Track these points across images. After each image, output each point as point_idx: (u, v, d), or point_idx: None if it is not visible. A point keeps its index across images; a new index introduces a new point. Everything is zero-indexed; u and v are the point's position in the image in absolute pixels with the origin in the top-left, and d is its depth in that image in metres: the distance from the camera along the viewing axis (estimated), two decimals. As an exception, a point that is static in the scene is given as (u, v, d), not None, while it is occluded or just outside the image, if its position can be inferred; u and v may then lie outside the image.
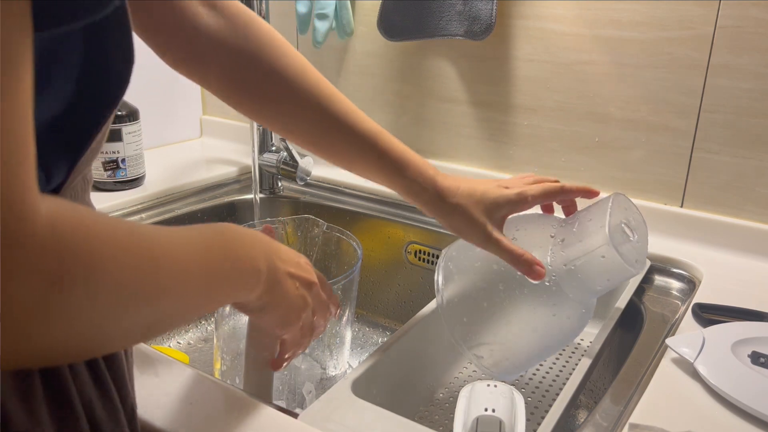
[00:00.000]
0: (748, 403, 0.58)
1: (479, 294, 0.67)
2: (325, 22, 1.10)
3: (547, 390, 0.77)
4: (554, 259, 0.64)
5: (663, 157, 0.94)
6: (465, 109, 1.08)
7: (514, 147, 1.05)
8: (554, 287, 0.64)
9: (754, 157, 0.88)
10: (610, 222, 0.62)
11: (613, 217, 0.63)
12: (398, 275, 1.09)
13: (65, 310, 0.28)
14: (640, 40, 0.91)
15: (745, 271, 0.85)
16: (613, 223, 0.62)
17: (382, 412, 0.58)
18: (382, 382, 0.67)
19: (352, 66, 1.18)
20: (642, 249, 0.66)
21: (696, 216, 0.92)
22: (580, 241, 0.64)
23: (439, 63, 1.08)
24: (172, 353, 0.98)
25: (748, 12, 0.83)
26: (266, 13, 1.03)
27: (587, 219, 0.65)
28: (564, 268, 0.64)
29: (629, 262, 0.62)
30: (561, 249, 0.65)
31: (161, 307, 0.36)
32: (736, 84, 0.86)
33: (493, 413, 0.55)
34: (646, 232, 0.67)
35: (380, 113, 1.17)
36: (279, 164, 1.10)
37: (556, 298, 0.64)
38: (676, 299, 0.84)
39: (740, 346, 0.65)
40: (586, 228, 0.64)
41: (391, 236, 1.09)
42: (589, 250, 0.62)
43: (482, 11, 0.97)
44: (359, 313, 1.14)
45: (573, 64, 0.97)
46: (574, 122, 0.99)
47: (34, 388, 0.37)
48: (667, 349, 0.66)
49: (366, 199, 1.13)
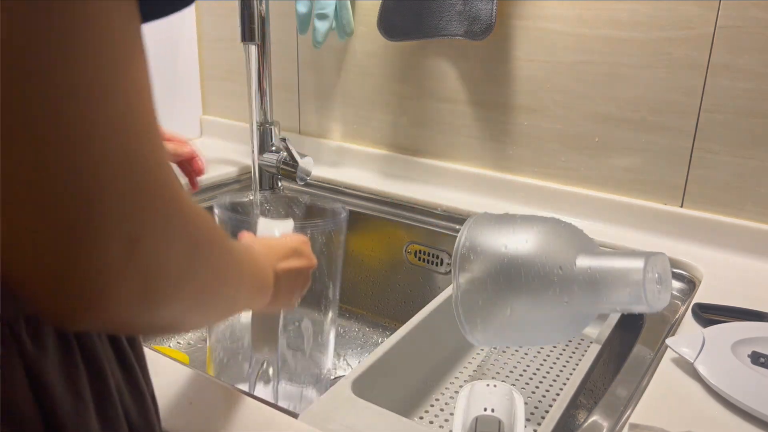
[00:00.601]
0: (748, 403, 0.58)
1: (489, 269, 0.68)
2: (325, 22, 1.10)
3: (547, 390, 0.77)
4: (582, 262, 0.65)
5: (663, 157, 0.94)
6: (465, 109, 1.08)
7: (514, 147, 1.05)
8: (566, 283, 0.64)
9: (754, 157, 0.88)
10: (650, 258, 0.63)
11: (651, 260, 0.64)
12: (398, 275, 1.09)
13: (204, 269, 0.35)
14: (640, 40, 0.91)
15: (745, 271, 0.85)
16: (651, 260, 0.63)
17: (382, 412, 0.58)
18: (382, 382, 0.67)
19: (352, 66, 1.18)
20: (658, 303, 0.66)
21: (696, 216, 0.92)
22: (612, 256, 0.64)
23: (439, 63, 1.08)
24: (172, 353, 0.98)
25: (748, 12, 0.83)
26: (266, 13, 1.03)
27: (626, 252, 0.66)
28: (587, 270, 0.64)
29: (647, 295, 0.62)
30: (590, 256, 0.65)
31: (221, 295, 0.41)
32: (736, 84, 0.86)
33: (493, 413, 0.56)
34: (667, 300, 0.68)
35: (380, 113, 1.17)
36: (279, 164, 1.10)
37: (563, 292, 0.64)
38: (676, 299, 0.84)
39: (740, 346, 0.65)
40: (623, 255, 0.65)
41: (391, 236, 1.09)
42: (620, 267, 0.63)
43: (482, 11, 0.97)
44: (359, 313, 1.14)
45: (573, 64, 0.97)
46: (574, 122, 0.99)
47: (79, 372, 0.38)
48: (667, 349, 0.66)
49: (366, 199, 1.13)
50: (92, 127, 0.26)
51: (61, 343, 0.38)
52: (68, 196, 0.26)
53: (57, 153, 0.25)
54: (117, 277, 0.28)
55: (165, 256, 0.31)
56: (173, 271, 0.32)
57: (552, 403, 0.74)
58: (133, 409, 0.44)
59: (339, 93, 1.21)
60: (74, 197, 0.26)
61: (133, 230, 0.28)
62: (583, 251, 0.66)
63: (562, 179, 1.02)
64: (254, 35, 1.02)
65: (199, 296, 0.37)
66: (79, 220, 0.26)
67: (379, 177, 1.17)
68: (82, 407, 0.39)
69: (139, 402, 0.44)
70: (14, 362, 0.35)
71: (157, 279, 0.31)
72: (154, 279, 0.30)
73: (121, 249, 0.28)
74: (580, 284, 0.64)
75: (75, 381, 0.38)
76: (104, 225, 0.27)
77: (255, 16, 1.01)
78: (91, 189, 0.26)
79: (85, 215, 0.26)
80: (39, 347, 0.36)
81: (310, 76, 1.23)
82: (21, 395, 0.36)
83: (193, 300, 0.36)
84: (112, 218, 0.27)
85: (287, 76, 1.26)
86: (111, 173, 0.27)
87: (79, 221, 0.26)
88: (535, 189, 1.04)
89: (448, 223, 1.05)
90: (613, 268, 0.63)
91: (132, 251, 0.28)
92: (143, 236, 0.28)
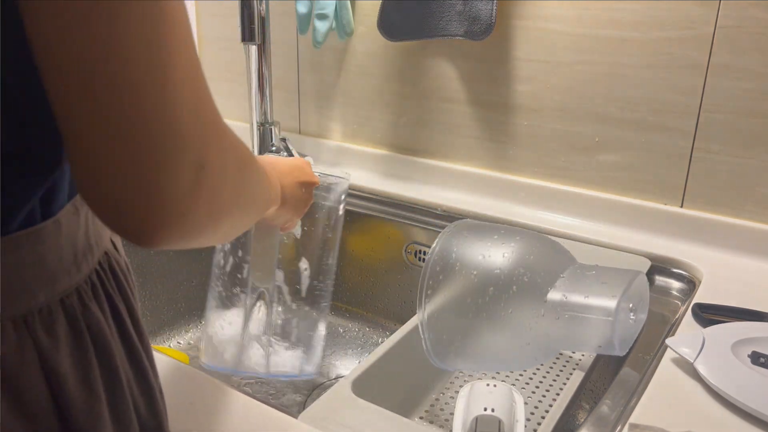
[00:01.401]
0: (748, 403, 0.58)
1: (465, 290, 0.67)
2: (325, 22, 1.10)
3: (547, 390, 0.77)
4: (553, 296, 0.64)
5: (663, 157, 0.94)
6: (465, 109, 1.08)
7: (514, 147, 1.05)
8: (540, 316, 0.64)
9: (754, 157, 0.88)
10: (621, 298, 0.61)
11: (625, 295, 0.62)
12: (398, 275, 1.09)
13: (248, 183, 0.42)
14: (640, 40, 0.91)
15: (745, 271, 0.85)
16: (622, 301, 0.62)
17: (382, 412, 0.58)
18: (382, 382, 0.67)
19: (352, 66, 1.18)
20: (633, 332, 0.65)
21: (696, 216, 0.92)
22: (585, 297, 0.63)
23: (439, 63, 1.08)
24: (172, 353, 0.98)
25: (748, 12, 0.83)
26: (266, 13, 1.03)
27: (601, 280, 0.64)
28: (558, 309, 0.63)
29: (617, 340, 0.62)
30: (564, 291, 0.64)
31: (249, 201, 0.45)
32: (736, 84, 0.86)
33: (493, 413, 0.56)
34: (643, 320, 0.67)
35: (380, 113, 1.17)
36: (279, 164, 1.10)
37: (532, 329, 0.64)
38: (676, 299, 0.84)
39: (740, 346, 0.65)
40: (597, 289, 0.63)
41: (391, 236, 1.09)
42: (588, 311, 0.62)
43: (482, 11, 0.97)
44: (359, 313, 1.14)
45: (573, 64, 0.97)
46: (574, 122, 0.99)
47: (91, 365, 0.39)
48: (667, 349, 0.66)
49: (366, 199, 1.13)
50: (173, 72, 0.31)
51: (73, 336, 0.39)
52: (152, 132, 0.31)
53: (147, 96, 0.31)
54: (190, 196, 0.33)
55: (223, 177, 0.36)
56: (229, 188, 0.37)
57: (552, 403, 0.74)
58: (142, 403, 0.45)
59: (339, 93, 1.21)
60: (156, 133, 0.31)
61: (200, 158, 0.33)
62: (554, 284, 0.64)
63: (562, 179, 1.02)
64: (254, 35, 1.02)
65: (245, 207, 0.43)
66: (159, 152, 0.31)
67: (379, 177, 1.17)
68: (94, 401, 0.39)
69: (148, 396, 0.45)
70: (29, 355, 0.36)
71: (219, 195, 0.36)
72: (217, 195, 0.36)
73: (192, 173, 0.33)
74: (549, 324, 0.63)
75: (88, 374, 0.39)
76: (178, 155, 0.32)
77: (255, 16, 1.01)
78: (168, 125, 0.31)
79: (163, 147, 0.31)
80: (52, 340, 0.37)
81: (310, 76, 1.23)
82: (36, 388, 0.36)
83: (242, 210, 0.42)
84: (184, 149, 0.32)
85: (287, 76, 1.26)
86: (183, 112, 0.32)
87: (159, 153, 0.31)
88: (535, 189, 1.04)
89: (448, 223, 1.04)
90: (584, 317, 0.62)
91: (199, 175, 0.33)
92: (207, 162, 0.34)
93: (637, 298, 0.65)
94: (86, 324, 0.40)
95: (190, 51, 0.33)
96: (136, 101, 0.30)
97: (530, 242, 0.68)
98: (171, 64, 0.31)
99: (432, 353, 0.67)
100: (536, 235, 0.71)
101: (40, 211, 0.37)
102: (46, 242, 0.37)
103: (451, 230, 0.72)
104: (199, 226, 0.35)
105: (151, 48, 0.31)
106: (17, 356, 0.36)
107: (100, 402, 0.40)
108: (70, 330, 0.39)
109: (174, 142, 0.32)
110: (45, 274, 0.37)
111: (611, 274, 0.65)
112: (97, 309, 0.41)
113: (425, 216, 1.07)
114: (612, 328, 0.60)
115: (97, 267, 0.42)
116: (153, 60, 0.31)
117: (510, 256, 0.66)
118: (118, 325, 0.43)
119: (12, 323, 0.36)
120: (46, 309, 0.37)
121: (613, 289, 0.62)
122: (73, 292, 0.39)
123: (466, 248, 0.69)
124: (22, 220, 0.36)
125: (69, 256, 0.39)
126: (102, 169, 0.31)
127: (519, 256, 0.66)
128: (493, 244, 0.68)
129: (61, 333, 0.38)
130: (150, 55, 0.31)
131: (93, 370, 0.40)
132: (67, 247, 0.39)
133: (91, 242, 0.41)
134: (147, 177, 0.31)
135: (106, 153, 0.31)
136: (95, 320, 0.40)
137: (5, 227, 0.35)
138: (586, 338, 0.63)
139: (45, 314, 0.37)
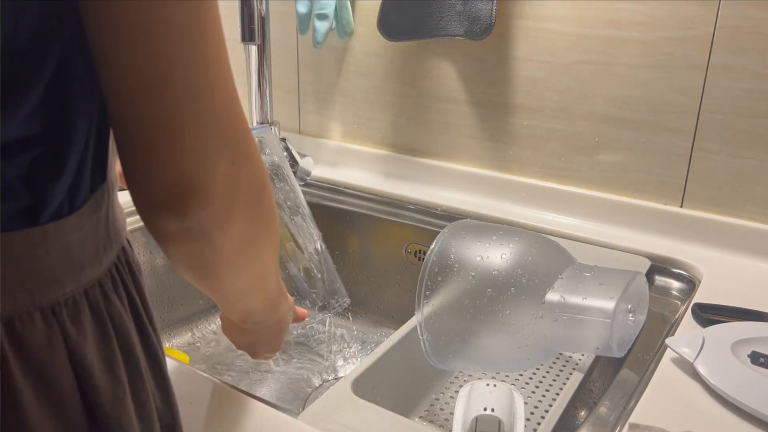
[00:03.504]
0: (748, 403, 0.58)
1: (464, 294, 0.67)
2: (325, 22, 1.10)
3: (547, 390, 0.77)
4: (551, 298, 0.64)
5: (663, 157, 0.94)
6: (465, 109, 1.08)
7: (514, 147, 1.05)
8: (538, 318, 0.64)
9: (754, 157, 0.88)
10: (619, 300, 0.61)
11: (624, 296, 0.62)
12: (398, 275, 1.09)
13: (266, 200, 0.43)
14: (639, 40, 0.91)
15: (745, 271, 0.85)
16: (620, 303, 0.61)
17: (382, 412, 0.58)
18: (382, 382, 0.67)
19: (352, 66, 1.18)
20: (631, 333, 0.65)
21: (696, 216, 0.92)
22: (583, 299, 0.63)
23: (439, 63, 1.08)
24: (172, 353, 0.98)
25: (748, 12, 0.83)
26: (266, 13, 1.03)
27: (599, 281, 0.64)
28: (556, 311, 0.63)
29: (615, 342, 0.61)
30: (562, 293, 0.64)
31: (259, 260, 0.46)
32: (736, 84, 0.86)
33: (492, 413, 0.56)
34: (642, 321, 0.67)
35: (380, 113, 1.17)
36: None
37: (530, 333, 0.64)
38: (676, 299, 0.84)
39: (740, 346, 0.65)
40: (595, 290, 0.63)
41: (391, 236, 1.09)
42: (586, 313, 0.62)
43: (482, 11, 0.97)
44: (359, 313, 1.14)
45: (573, 64, 0.97)
46: (574, 122, 0.99)
47: (115, 355, 0.41)
48: (667, 349, 0.66)
49: (366, 199, 1.13)
50: (214, 79, 0.37)
51: (97, 327, 0.40)
52: (196, 132, 0.36)
53: (197, 97, 0.36)
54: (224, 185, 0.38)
55: (248, 176, 0.40)
56: (253, 188, 0.41)
57: (552, 403, 0.74)
58: (157, 394, 0.46)
59: (339, 93, 1.21)
60: (199, 133, 0.36)
61: (232, 155, 0.38)
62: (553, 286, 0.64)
63: (562, 179, 1.02)
64: (254, 35, 1.02)
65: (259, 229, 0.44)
66: (201, 151, 0.36)
67: (379, 177, 1.17)
68: (119, 390, 0.40)
69: (163, 390, 0.46)
70: (58, 345, 0.37)
71: (246, 189, 0.40)
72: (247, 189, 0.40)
73: (227, 166, 0.38)
74: (547, 326, 0.63)
75: (112, 364, 0.40)
76: (216, 152, 0.37)
77: (255, 16, 1.01)
78: (209, 128, 0.36)
79: (203, 147, 0.36)
80: (79, 330, 0.38)
81: (310, 76, 1.23)
82: (64, 378, 0.38)
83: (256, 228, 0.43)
84: (220, 147, 0.37)
85: (287, 76, 1.26)
86: (221, 115, 0.37)
87: (201, 151, 0.36)
88: (535, 189, 1.04)
89: (448, 223, 1.04)
90: (582, 318, 0.62)
91: (231, 169, 0.38)
92: (237, 159, 0.38)
93: (636, 299, 0.65)
94: (109, 315, 0.41)
95: (225, 58, 0.38)
96: (189, 103, 0.36)
97: (529, 243, 0.68)
98: (213, 69, 0.37)
99: (430, 354, 0.67)
100: (535, 235, 0.71)
101: (67, 205, 0.38)
102: (72, 234, 0.38)
103: (450, 231, 0.72)
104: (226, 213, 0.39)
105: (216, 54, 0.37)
106: (47, 346, 0.37)
107: (124, 391, 0.41)
108: (94, 320, 0.40)
109: (209, 143, 0.37)
110: (71, 265, 0.38)
111: (610, 275, 0.65)
112: (117, 301, 0.42)
113: (425, 216, 1.07)
114: (610, 329, 0.60)
115: (116, 261, 0.43)
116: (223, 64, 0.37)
117: (508, 258, 0.66)
118: (135, 318, 0.44)
119: (40, 313, 0.37)
120: (72, 300, 0.38)
121: (612, 290, 0.62)
122: (95, 283, 0.40)
123: (465, 249, 0.69)
124: (52, 213, 0.37)
125: (92, 248, 0.40)
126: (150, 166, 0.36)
127: (517, 258, 0.66)
128: (491, 245, 0.68)
129: (86, 323, 0.39)
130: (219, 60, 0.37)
131: (117, 360, 0.41)
132: (90, 240, 0.40)
133: (111, 237, 0.42)
134: (200, 164, 0.37)
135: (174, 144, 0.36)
136: (117, 311, 0.41)
137: (37, 219, 0.37)
138: (584, 340, 0.63)
139: (71, 305, 0.38)
